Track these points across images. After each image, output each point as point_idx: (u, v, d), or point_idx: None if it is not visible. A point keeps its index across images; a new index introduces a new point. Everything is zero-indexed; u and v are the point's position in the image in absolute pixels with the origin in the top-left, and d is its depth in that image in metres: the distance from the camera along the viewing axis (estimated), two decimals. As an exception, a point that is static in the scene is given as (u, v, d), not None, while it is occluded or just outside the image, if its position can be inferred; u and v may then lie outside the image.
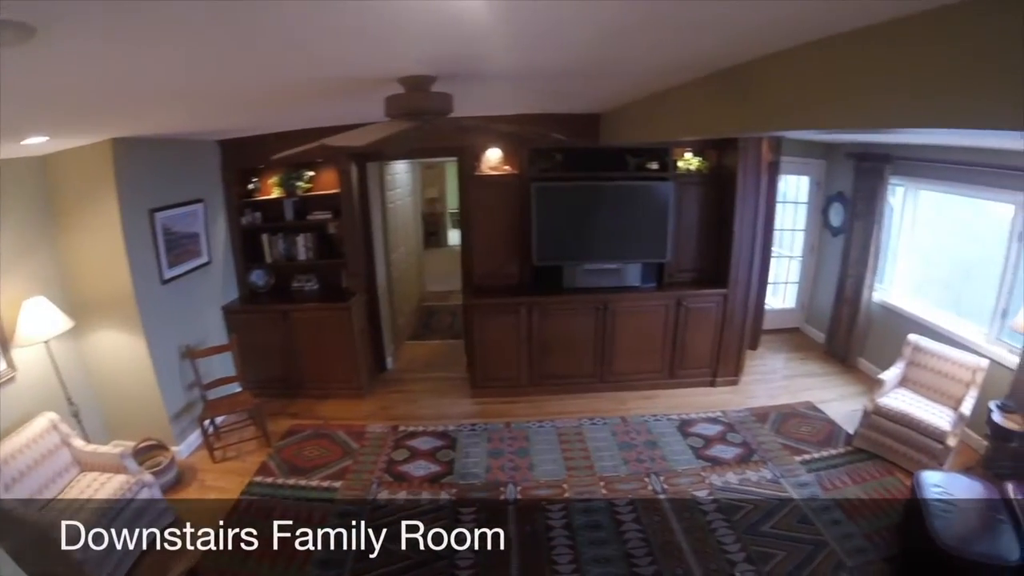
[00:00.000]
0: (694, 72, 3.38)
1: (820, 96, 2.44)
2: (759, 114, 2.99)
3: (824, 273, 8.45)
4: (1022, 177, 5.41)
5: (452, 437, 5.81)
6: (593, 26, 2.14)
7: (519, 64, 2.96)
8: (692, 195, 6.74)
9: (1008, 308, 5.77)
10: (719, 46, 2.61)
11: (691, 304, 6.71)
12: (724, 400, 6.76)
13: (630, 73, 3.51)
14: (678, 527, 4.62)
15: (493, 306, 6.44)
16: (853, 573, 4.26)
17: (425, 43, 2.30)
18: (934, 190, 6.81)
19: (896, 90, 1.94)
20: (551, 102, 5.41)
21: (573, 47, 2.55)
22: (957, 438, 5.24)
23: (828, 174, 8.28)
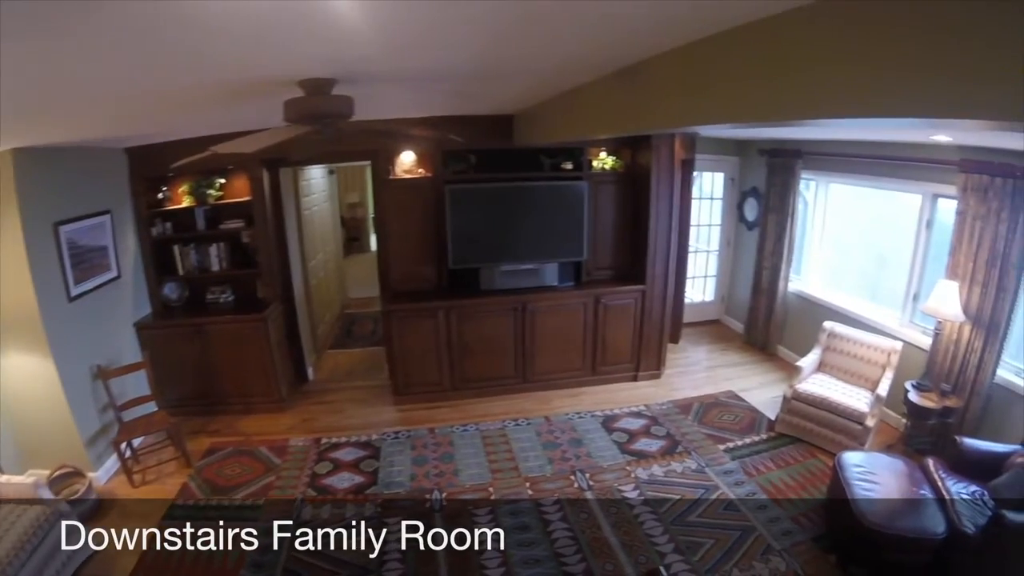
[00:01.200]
0: (594, 71, 3.36)
1: (704, 91, 2.45)
2: (655, 111, 2.99)
3: (741, 266, 8.64)
4: (927, 169, 5.64)
5: (376, 446, 5.59)
6: (478, 26, 2.11)
7: (417, 66, 2.91)
8: (608, 194, 6.74)
9: (919, 292, 5.97)
10: (610, 45, 2.58)
11: (609, 301, 6.70)
12: (647, 394, 6.75)
13: (530, 72, 3.45)
14: (606, 523, 4.55)
15: (411, 311, 6.23)
16: (782, 555, 4.25)
17: (320, 45, 2.23)
18: (844, 183, 7.05)
19: (786, 82, 1.94)
20: (462, 103, 5.30)
21: (464, 47, 2.49)
22: (876, 418, 5.35)
23: (742, 170, 8.47)
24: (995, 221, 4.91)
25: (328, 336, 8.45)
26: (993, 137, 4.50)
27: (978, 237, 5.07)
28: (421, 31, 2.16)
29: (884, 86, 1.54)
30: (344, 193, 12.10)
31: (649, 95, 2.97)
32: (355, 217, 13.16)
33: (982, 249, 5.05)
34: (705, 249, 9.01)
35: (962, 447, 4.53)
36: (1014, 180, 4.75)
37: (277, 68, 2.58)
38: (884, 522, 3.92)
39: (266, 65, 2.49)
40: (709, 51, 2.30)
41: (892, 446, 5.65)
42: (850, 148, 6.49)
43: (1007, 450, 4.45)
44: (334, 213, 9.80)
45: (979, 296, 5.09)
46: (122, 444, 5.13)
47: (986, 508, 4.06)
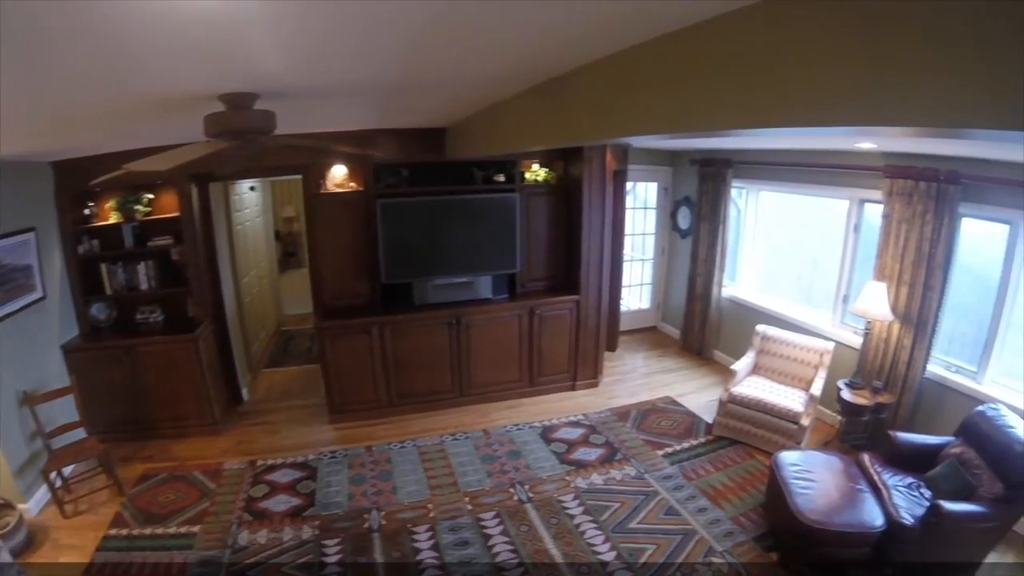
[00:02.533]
0: (517, 84, 3.33)
1: (620, 104, 2.45)
2: (575, 124, 2.98)
3: (676, 273, 8.73)
4: (853, 175, 5.81)
5: (312, 467, 5.36)
6: (385, 39, 2.09)
7: (336, 79, 2.83)
8: (541, 205, 6.70)
9: (849, 293, 6.08)
10: (528, 58, 2.56)
11: (544, 312, 6.63)
12: (586, 403, 6.69)
13: (452, 85, 3.38)
14: (546, 534, 4.45)
15: (345, 328, 6.01)
16: (724, 557, 4.21)
17: (232, 61, 2.15)
18: (773, 190, 7.19)
19: (699, 93, 1.94)
20: (391, 117, 5.20)
21: (374, 60, 2.42)
22: (811, 417, 5.40)
23: (675, 180, 8.58)
24: (920, 223, 5.05)
25: (263, 355, 8.11)
26: (916, 143, 4.62)
27: (904, 239, 5.21)
28: (329, 44, 2.11)
29: (800, 95, 1.53)
30: (279, 207, 11.76)
31: (570, 108, 2.97)
32: (291, 232, 12.80)
33: (908, 250, 5.18)
34: (640, 257, 9.08)
35: (896, 441, 4.60)
36: (937, 184, 4.89)
37: (197, 82, 2.48)
38: (823, 519, 3.91)
39: (185, 79, 2.39)
40: (625, 64, 2.31)
41: (828, 443, 5.72)
42: (779, 156, 6.62)
43: (940, 442, 4.52)
44: (268, 228, 9.46)
45: (907, 295, 5.22)
46: (52, 473, 4.75)
47: (923, 499, 4.11)
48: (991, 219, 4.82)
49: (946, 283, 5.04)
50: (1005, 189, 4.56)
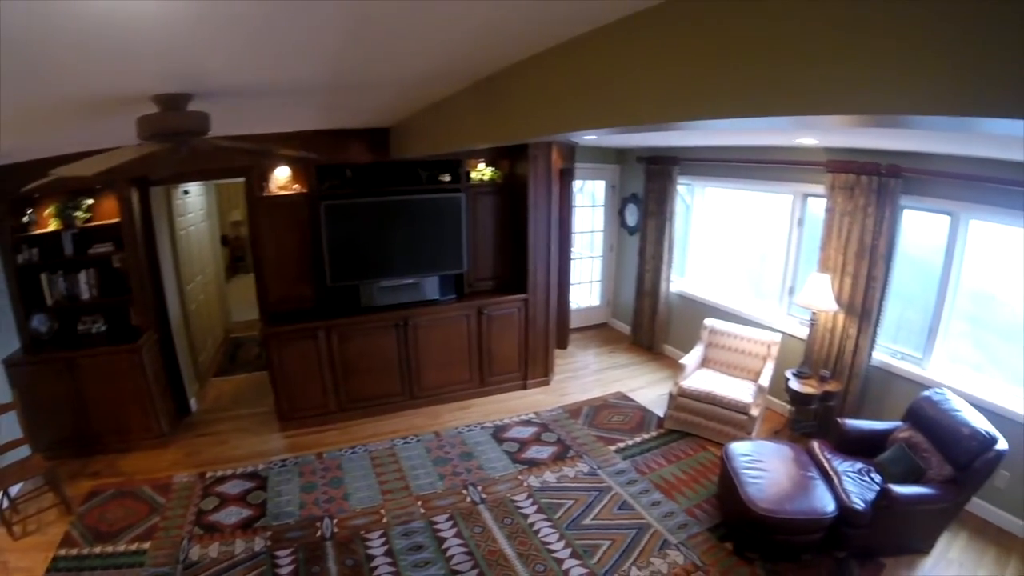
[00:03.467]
0: (457, 82, 3.29)
1: (556, 99, 2.42)
2: (512, 122, 2.94)
3: (624, 270, 8.78)
4: (796, 170, 5.92)
5: (263, 477, 5.17)
6: (320, 37, 2.05)
7: (268, 78, 2.74)
8: (487, 205, 6.63)
9: (794, 285, 6.17)
10: (465, 55, 2.53)
11: (493, 312, 6.56)
12: (537, 401, 6.63)
13: (389, 84, 3.31)
14: (501, 535, 4.37)
15: (291, 333, 5.81)
16: (679, 549, 4.20)
17: (159, 61, 2.08)
18: (719, 186, 7.29)
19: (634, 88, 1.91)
20: (333, 117, 5.07)
21: (312, 60, 2.38)
22: (760, 408, 5.45)
23: (622, 177, 8.63)
24: (862, 216, 5.15)
25: (211, 363, 7.79)
26: (857, 138, 4.71)
27: (847, 232, 5.31)
28: (259, 43, 2.05)
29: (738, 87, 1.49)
30: (226, 211, 11.39)
31: (509, 105, 2.92)
32: (239, 236, 12.34)
33: (851, 243, 5.29)
34: (589, 255, 9.10)
35: (845, 428, 4.67)
36: (879, 178, 5.00)
37: (128, 83, 2.37)
38: (774, 507, 3.93)
39: (115, 80, 2.29)
40: (561, 59, 2.28)
41: (779, 432, 5.78)
42: (724, 153, 6.72)
43: (888, 427, 4.61)
44: (213, 232, 9.10)
45: (850, 286, 5.32)
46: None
47: (873, 483, 4.17)
48: (932, 211, 4.95)
49: (888, 273, 5.15)
50: (945, 182, 4.69)
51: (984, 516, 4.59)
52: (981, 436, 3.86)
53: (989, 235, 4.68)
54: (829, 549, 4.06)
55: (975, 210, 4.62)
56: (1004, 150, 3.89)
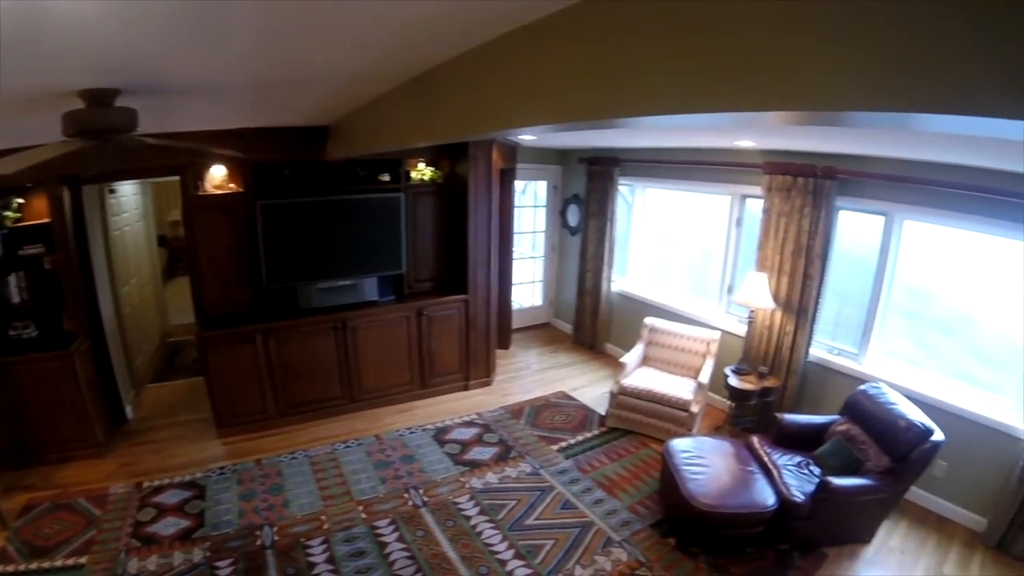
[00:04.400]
0: (390, 80, 3.24)
1: (486, 97, 2.40)
2: (449, 119, 2.90)
3: (567, 270, 8.80)
4: (735, 172, 6.03)
5: (201, 485, 4.95)
6: (244, 33, 2.01)
7: (198, 76, 2.68)
8: (427, 205, 6.53)
9: (733, 284, 6.28)
10: (391, 52, 2.50)
11: (433, 313, 6.46)
12: (479, 402, 6.57)
13: (320, 80, 3.24)
14: (443, 538, 4.29)
15: (227, 336, 5.58)
16: (622, 546, 4.19)
17: (89, 54, 2.01)
18: (659, 187, 7.36)
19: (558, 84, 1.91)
20: (270, 115, 4.92)
21: (237, 56, 2.33)
22: (700, 404, 5.51)
23: (564, 178, 8.64)
24: (798, 217, 5.27)
25: (148, 369, 7.42)
26: (793, 140, 4.82)
27: (783, 232, 5.42)
28: (183, 39, 2.01)
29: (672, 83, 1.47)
30: (165, 211, 10.95)
31: (443, 103, 2.89)
32: (178, 236, 11.84)
33: (788, 242, 5.39)
34: (532, 255, 9.09)
35: (784, 423, 4.75)
36: (814, 179, 5.12)
37: (52, 78, 2.29)
38: (715, 502, 3.97)
39: (37, 75, 2.21)
40: (491, 56, 2.26)
41: (720, 428, 5.86)
42: (664, 155, 6.79)
43: (826, 420, 4.71)
44: (150, 233, 8.71)
45: (787, 285, 5.43)
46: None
47: (812, 476, 4.24)
48: (867, 211, 5.10)
49: (824, 272, 5.27)
50: (879, 183, 4.85)
51: (924, 505, 4.76)
52: (917, 428, 3.98)
53: (925, 234, 4.85)
54: (772, 541, 4.13)
55: (909, 211, 4.78)
56: (935, 152, 4.03)
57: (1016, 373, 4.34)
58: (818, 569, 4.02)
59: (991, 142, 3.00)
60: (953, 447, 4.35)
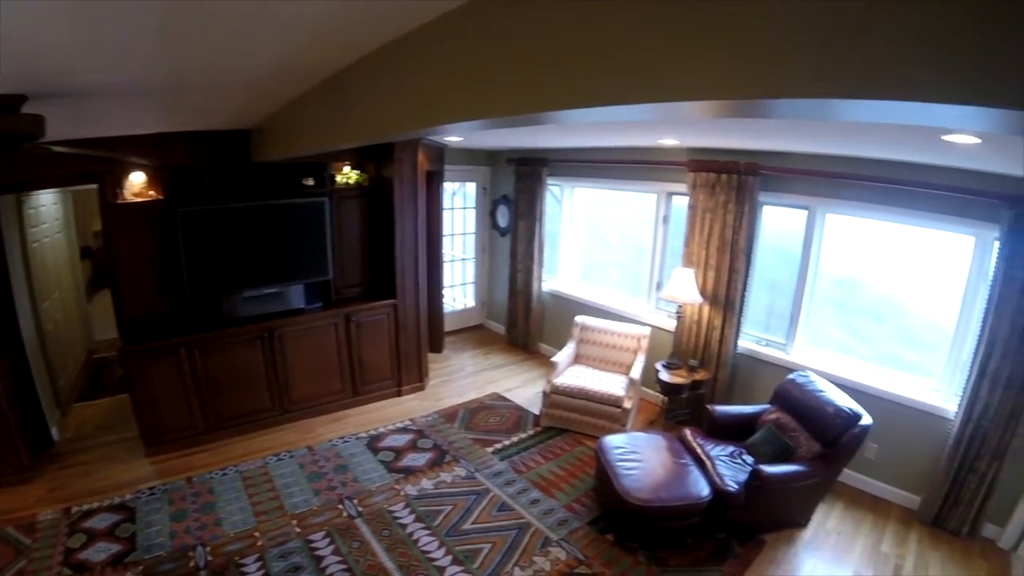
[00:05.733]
0: (302, 81, 3.20)
1: (397, 97, 2.38)
2: (357, 121, 2.88)
3: (497, 271, 8.78)
4: (660, 170, 6.12)
5: (131, 507, 4.68)
6: (143, 35, 2.00)
7: (103, 80, 2.58)
8: (353, 209, 6.39)
9: (662, 280, 6.36)
10: (298, 52, 2.46)
11: (362, 319, 6.33)
12: (412, 407, 6.45)
13: (231, 82, 3.16)
14: (379, 547, 4.18)
15: (150, 350, 5.29)
16: (561, 545, 4.17)
17: None
18: (587, 186, 7.42)
19: None
20: (187, 118, 4.77)
21: (140, 57, 2.30)
22: (632, 400, 5.55)
23: (493, 179, 8.63)
24: (723, 213, 5.38)
25: (74, 387, 6.98)
26: (716, 138, 4.90)
27: (708, 228, 5.52)
28: (82, 41, 1.96)
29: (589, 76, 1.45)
30: (88, 220, 10.41)
31: (353, 105, 2.85)
32: (103, 248, 11.38)
33: (713, 238, 5.50)
34: (462, 257, 9.04)
35: (715, 414, 4.83)
36: (738, 176, 5.24)
37: None
38: (650, 496, 3.99)
39: None
40: (393, 57, 2.26)
41: (654, 422, 5.93)
42: (591, 154, 6.85)
43: (757, 410, 4.82)
44: (72, 244, 8.22)
45: (714, 279, 5.54)
46: None
47: (745, 465, 4.32)
48: (790, 206, 5.26)
49: (750, 266, 5.40)
50: (801, 179, 5.01)
51: (859, 486, 4.95)
52: (845, 413, 4.11)
53: (851, 226, 5.05)
54: (710, 531, 4.18)
55: (829, 204, 4.97)
56: (853, 147, 4.17)
57: (942, 355, 4.59)
58: (757, 555, 4.10)
59: (904, 136, 3.12)
60: (883, 429, 4.57)
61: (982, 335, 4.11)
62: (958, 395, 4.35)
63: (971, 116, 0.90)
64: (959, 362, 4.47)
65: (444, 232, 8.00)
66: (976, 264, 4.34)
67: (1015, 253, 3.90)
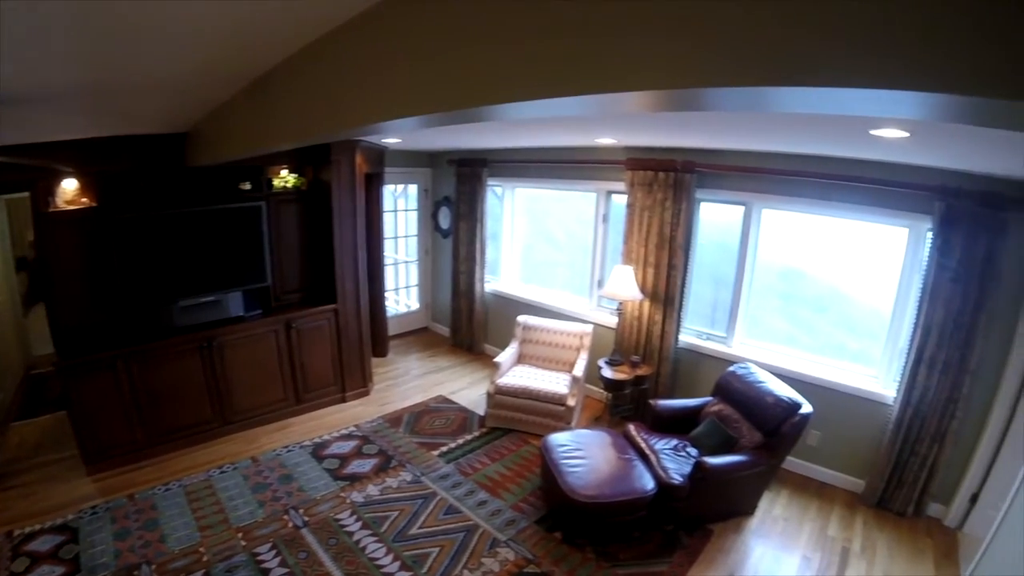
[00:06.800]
0: (229, 84, 3.14)
1: (324, 97, 2.34)
2: (283, 123, 2.83)
3: (441, 272, 8.74)
4: (599, 169, 6.19)
5: (73, 528, 4.47)
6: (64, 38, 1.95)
7: (20, 84, 2.53)
8: (291, 213, 6.25)
9: (603, 278, 6.42)
10: (223, 53, 2.41)
11: (302, 325, 6.19)
12: (357, 413, 6.35)
13: (155, 87, 3.10)
14: (327, 557, 4.10)
15: (86, 364, 5.07)
16: (509, 545, 4.16)
17: None
18: (528, 187, 7.45)
19: None
20: (117, 123, 4.62)
21: (59, 60, 2.25)
22: (576, 398, 5.58)
23: (434, 181, 8.57)
24: (660, 210, 5.46)
25: (11, 406, 6.64)
26: (652, 136, 4.98)
27: (647, 225, 5.60)
28: None
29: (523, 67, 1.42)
30: (23, 230, 9.93)
31: (280, 107, 2.80)
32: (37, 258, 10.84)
33: (651, 235, 5.58)
34: (405, 260, 8.96)
35: (658, 408, 4.90)
36: (675, 173, 5.34)
37: None
38: (595, 493, 4.01)
39: None
40: (314, 56, 2.25)
41: (599, 419, 5.97)
42: (531, 154, 6.88)
43: (699, 403, 4.91)
44: (6, 255, 7.86)
45: (653, 276, 5.63)
46: None
47: (689, 457, 4.38)
48: (727, 202, 5.39)
49: (688, 262, 5.50)
50: (737, 175, 5.12)
51: (804, 473, 5.10)
52: (785, 403, 4.22)
53: (793, 220, 5.19)
54: (658, 523, 4.23)
55: (765, 200, 5.11)
56: (785, 143, 4.29)
57: (881, 343, 4.77)
58: (705, 545, 4.17)
59: (835, 130, 3.22)
60: (825, 417, 4.74)
61: (917, 322, 4.30)
62: (896, 381, 4.53)
63: (908, 101, 0.91)
64: (896, 349, 4.66)
65: (386, 235, 7.93)
66: (910, 254, 4.54)
67: (947, 243, 4.09)
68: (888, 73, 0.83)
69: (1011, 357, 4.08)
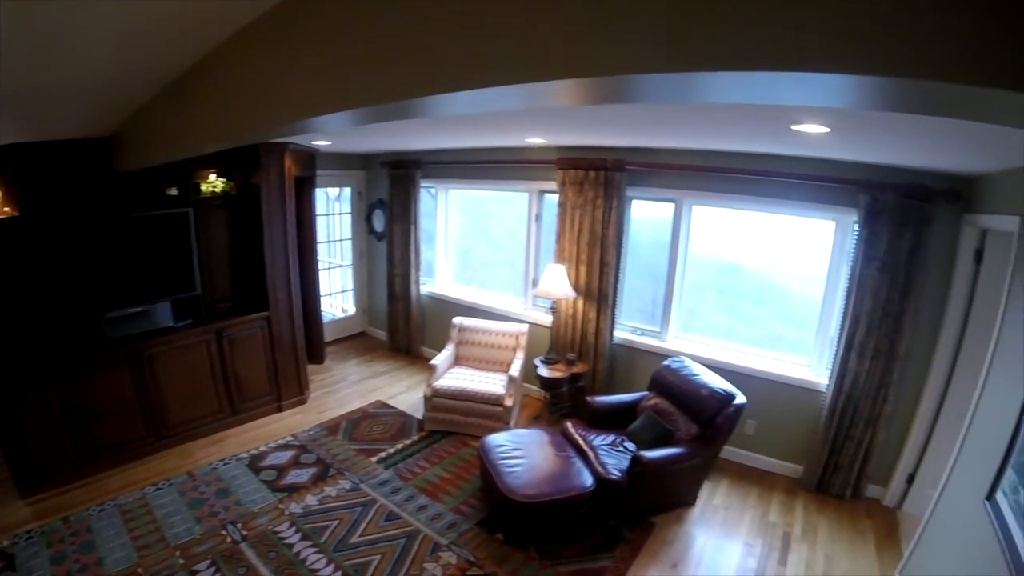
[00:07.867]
0: (145, 87, 3.07)
1: (239, 100, 2.30)
2: (198, 125, 2.78)
3: (376, 276, 8.64)
4: (531, 168, 6.22)
5: (9, 555, 4.23)
6: None
7: None
8: (220, 219, 6.05)
9: (537, 277, 6.45)
10: (133, 55, 2.36)
11: (234, 334, 6.01)
12: (294, 422, 6.21)
13: (68, 91, 3.00)
14: (266, 571, 3.99)
15: (10, 383, 4.82)
16: (451, 549, 4.13)
17: None
18: (461, 187, 7.44)
19: None
20: (34, 128, 4.41)
21: None
22: (514, 398, 5.60)
23: (368, 183, 8.47)
24: (592, 208, 5.52)
25: None
26: (582, 136, 5.02)
27: (579, 223, 5.66)
28: None
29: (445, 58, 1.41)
30: None
31: (195, 110, 2.74)
32: None
33: (583, 233, 5.65)
34: (340, 264, 8.83)
35: (595, 405, 4.95)
36: (605, 172, 5.41)
37: None
38: (534, 492, 4.02)
39: None
40: (226, 57, 2.21)
41: (538, 417, 6.00)
42: (464, 155, 6.86)
43: (635, 397, 4.98)
44: None
45: (586, 274, 5.69)
46: None
47: (627, 452, 4.44)
48: (658, 199, 5.50)
49: (621, 259, 5.58)
50: (667, 173, 5.24)
51: (743, 462, 5.24)
52: (719, 394, 4.31)
53: (723, 215, 5.33)
54: (599, 519, 4.26)
55: (695, 196, 5.23)
56: (714, 140, 4.38)
57: (813, 332, 4.95)
58: (647, 538, 4.23)
59: (758, 126, 3.28)
60: (760, 407, 4.90)
61: (846, 312, 4.47)
62: (828, 368, 4.70)
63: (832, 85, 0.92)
64: (827, 338, 4.84)
65: (320, 239, 7.78)
66: (838, 246, 4.72)
67: (874, 235, 4.26)
68: (811, 57, 0.84)
69: (940, 343, 4.27)
